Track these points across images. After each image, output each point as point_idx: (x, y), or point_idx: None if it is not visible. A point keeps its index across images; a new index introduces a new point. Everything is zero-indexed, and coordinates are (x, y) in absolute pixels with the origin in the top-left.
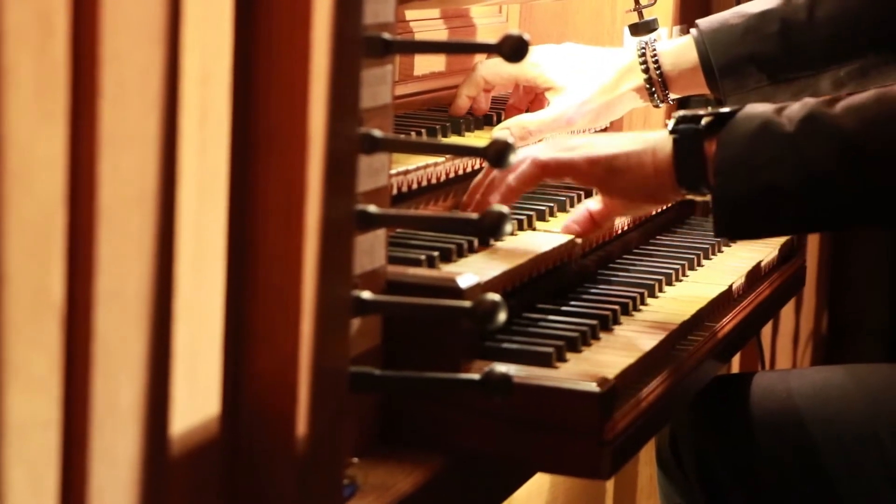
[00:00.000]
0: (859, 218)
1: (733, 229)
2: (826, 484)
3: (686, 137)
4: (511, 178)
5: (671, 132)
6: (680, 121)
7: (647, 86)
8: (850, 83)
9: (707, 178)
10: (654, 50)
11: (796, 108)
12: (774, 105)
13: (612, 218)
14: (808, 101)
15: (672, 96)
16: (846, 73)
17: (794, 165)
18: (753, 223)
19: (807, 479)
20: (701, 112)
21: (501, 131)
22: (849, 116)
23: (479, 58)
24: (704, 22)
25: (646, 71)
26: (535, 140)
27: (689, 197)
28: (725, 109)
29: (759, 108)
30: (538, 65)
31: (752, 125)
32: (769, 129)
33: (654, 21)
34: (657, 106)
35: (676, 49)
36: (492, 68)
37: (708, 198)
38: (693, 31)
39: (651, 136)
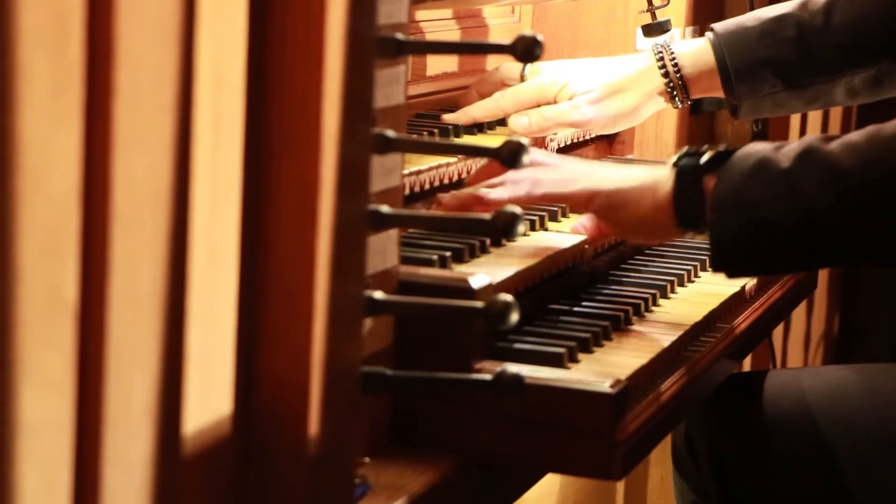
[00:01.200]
0: (854, 255)
1: (729, 265)
2: (838, 481)
3: (686, 173)
4: (507, 197)
5: (672, 167)
6: (681, 157)
7: (668, 88)
8: (864, 91)
9: (705, 216)
10: (672, 52)
11: (794, 146)
12: (773, 144)
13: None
14: (806, 139)
15: (690, 99)
16: (860, 81)
17: (790, 201)
18: (749, 259)
19: (819, 477)
20: (703, 149)
21: (520, 118)
22: (844, 154)
23: (492, 59)
24: (720, 25)
25: (665, 74)
26: (552, 132)
27: (689, 235)
28: (726, 148)
29: (757, 146)
30: (556, 82)
31: (749, 162)
32: (766, 165)
33: (668, 22)
34: (677, 107)
35: (695, 51)
36: (512, 99)
37: (706, 236)
38: (709, 33)
39: (653, 172)
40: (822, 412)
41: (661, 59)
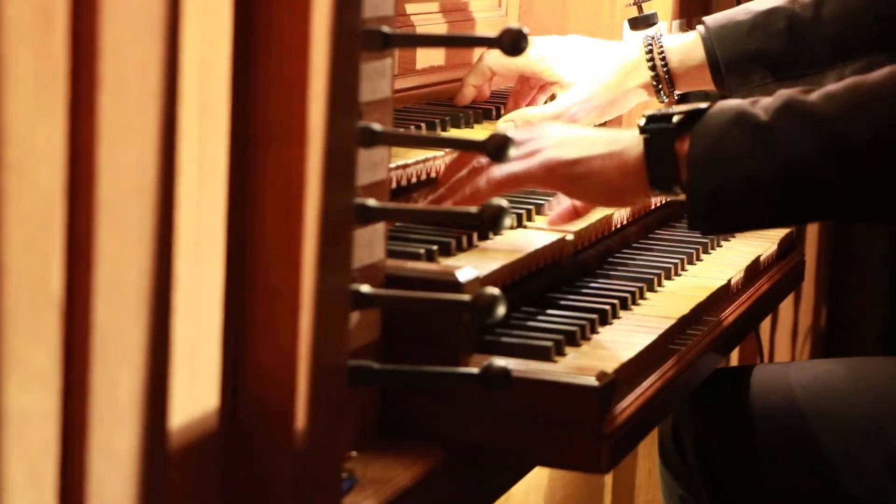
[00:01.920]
0: (837, 208)
1: (709, 223)
2: (826, 475)
3: (657, 137)
4: (468, 190)
5: (641, 132)
6: (650, 120)
7: (654, 83)
8: None
9: (679, 177)
10: (661, 46)
11: (771, 100)
12: (749, 99)
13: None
14: (783, 92)
15: (677, 92)
16: (852, 73)
17: (771, 154)
18: (730, 215)
19: (807, 471)
20: (672, 110)
21: (505, 123)
22: (825, 104)
23: (480, 51)
24: (711, 19)
25: (653, 68)
26: None
27: (661, 198)
28: (698, 106)
29: (732, 102)
30: (545, 59)
31: (725, 118)
32: (743, 119)
33: (654, 15)
34: (662, 101)
35: (684, 46)
36: (499, 59)
37: (682, 197)
38: (700, 27)
39: (619, 136)
40: (810, 406)
41: (650, 52)
